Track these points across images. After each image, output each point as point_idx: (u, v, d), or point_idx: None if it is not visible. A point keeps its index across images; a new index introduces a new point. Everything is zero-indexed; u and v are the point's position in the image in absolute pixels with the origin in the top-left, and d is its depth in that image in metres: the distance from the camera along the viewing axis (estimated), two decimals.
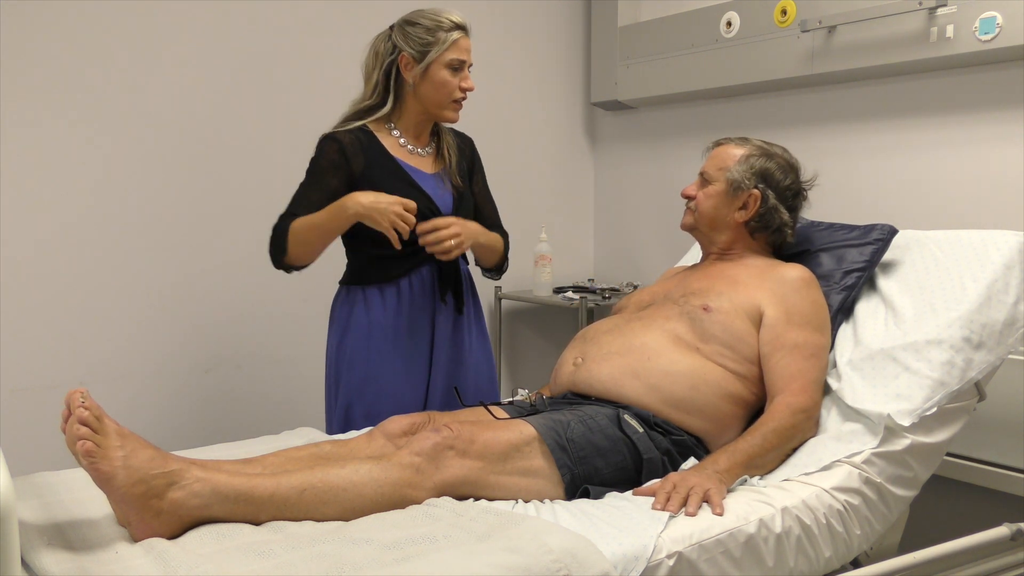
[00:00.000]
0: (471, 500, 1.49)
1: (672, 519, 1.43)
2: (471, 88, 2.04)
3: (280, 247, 1.99)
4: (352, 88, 2.12)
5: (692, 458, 1.70)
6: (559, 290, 3.31)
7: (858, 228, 2.06)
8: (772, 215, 1.97)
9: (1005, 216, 2.34)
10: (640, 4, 3.33)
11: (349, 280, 2.11)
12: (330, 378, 2.14)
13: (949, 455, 2.10)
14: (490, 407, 1.79)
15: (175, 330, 2.75)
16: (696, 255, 2.29)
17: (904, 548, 1.67)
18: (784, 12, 2.73)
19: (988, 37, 2.27)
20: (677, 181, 2.28)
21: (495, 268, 2.21)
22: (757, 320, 1.83)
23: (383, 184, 1.99)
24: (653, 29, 3.17)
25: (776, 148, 2.02)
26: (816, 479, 1.61)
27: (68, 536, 1.34)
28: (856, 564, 1.65)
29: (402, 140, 2.08)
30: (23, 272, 2.51)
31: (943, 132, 2.51)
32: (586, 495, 1.57)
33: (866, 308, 1.95)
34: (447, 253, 1.94)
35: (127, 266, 2.66)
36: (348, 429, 2.03)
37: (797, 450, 1.72)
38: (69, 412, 1.32)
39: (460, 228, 1.95)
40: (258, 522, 1.39)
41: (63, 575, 1.22)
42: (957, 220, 2.38)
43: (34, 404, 2.52)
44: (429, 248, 1.94)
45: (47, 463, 1.74)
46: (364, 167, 2.01)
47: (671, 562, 1.36)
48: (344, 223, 1.93)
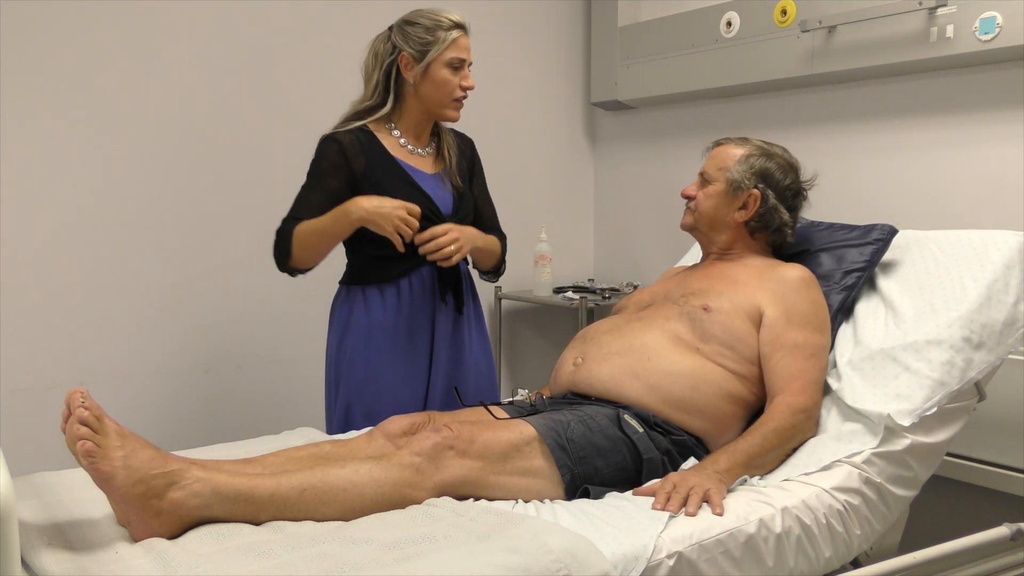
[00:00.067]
0: (471, 500, 1.49)
1: (672, 519, 1.43)
2: (472, 87, 2.05)
3: (285, 251, 2.00)
4: (352, 88, 2.12)
5: (692, 458, 1.70)
6: (559, 290, 3.31)
7: (858, 228, 2.06)
8: (772, 215, 1.97)
9: (1005, 216, 2.34)
10: (640, 4, 3.33)
11: (349, 280, 2.12)
12: (330, 378, 2.14)
13: (949, 455, 2.10)
14: (490, 407, 1.79)
15: (175, 330, 2.75)
16: (696, 255, 2.29)
17: (904, 548, 1.67)
18: (784, 12, 2.73)
19: (988, 37, 2.26)
20: (677, 181, 2.28)
21: (492, 270, 2.22)
22: (757, 320, 1.83)
23: (384, 184, 2.00)
24: (653, 29, 3.17)
25: (776, 148, 2.02)
26: (816, 479, 1.61)
27: (68, 536, 1.34)
28: (856, 564, 1.65)
29: (402, 140, 2.08)
30: (23, 272, 2.51)
31: (943, 132, 2.51)
32: (586, 495, 1.57)
33: (866, 308, 1.95)
34: (447, 259, 1.96)
35: (127, 266, 2.66)
36: (348, 429, 2.04)
37: (797, 450, 1.72)
38: (69, 412, 1.32)
39: (458, 234, 1.97)
40: (258, 522, 1.39)
41: (63, 575, 1.22)
42: (957, 220, 2.38)
43: (34, 404, 2.52)
44: (429, 256, 1.96)
45: (47, 463, 1.74)
46: (365, 167, 2.01)
47: (671, 562, 1.36)
48: (348, 228, 1.95)
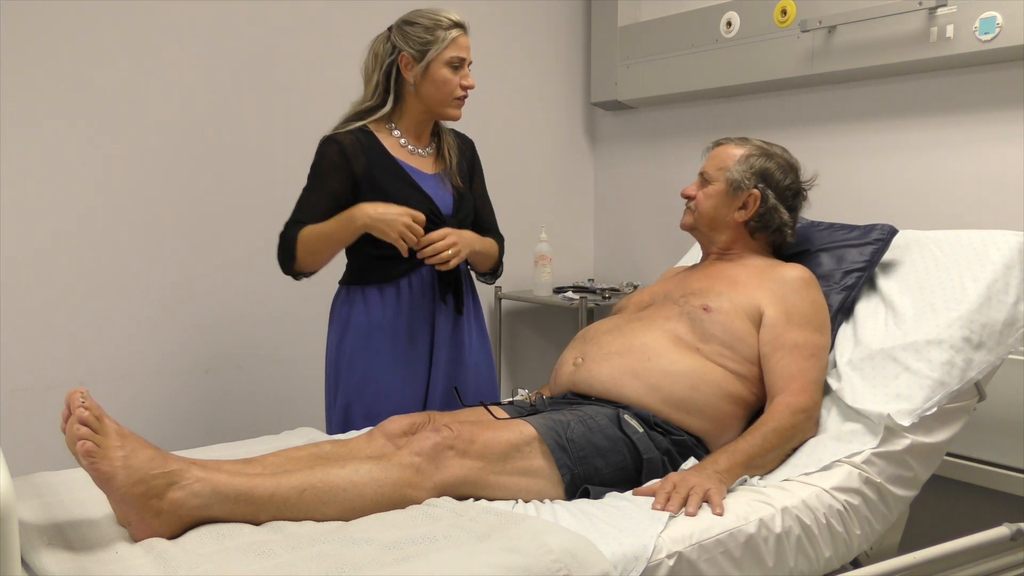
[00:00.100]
0: (471, 500, 1.49)
1: (672, 519, 1.43)
2: (472, 85, 2.05)
3: (289, 255, 2.01)
4: (352, 88, 2.12)
5: (692, 458, 1.70)
6: (559, 290, 3.31)
7: (858, 228, 2.06)
8: (772, 215, 1.97)
9: (1005, 216, 2.34)
10: (640, 4, 3.33)
11: (349, 280, 2.12)
12: (330, 378, 2.14)
13: (949, 455, 2.10)
14: (490, 407, 1.79)
15: (175, 330, 2.75)
16: (696, 255, 2.29)
17: (904, 548, 1.67)
18: (784, 12, 2.73)
19: (988, 37, 2.26)
20: (677, 181, 2.28)
21: (489, 272, 2.22)
22: (757, 320, 1.83)
23: (384, 184, 2.00)
24: (653, 29, 3.17)
25: (776, 148, 2.02)
26: (816, 479, 1.61)
27: (68, 536, 1.34)
28: (856, 564, 1.65)
29: (403, 140, 2.08)
30: (23, 272, 2.51)
31: (943, 132, 2.51)
32: (586, 495, 1.57)
33: (866, 308, 1.95)
34: (445, 264, 1.96)
35: (127, 266, 2.66)
36: (348, 429, 2.04)
37: (797, 450, 1.72)
38: (69, 412, 1.32)
39: (457, 239, 1.98)
40: (258, 522, 1.39)
41: (63, 575, 1.22)
42: (957, 220, 2.38)
43: (34, 404, 2.52)
44: (428, 260, 1.96)
45: (47, 463, 1.74)
46: (365, 167, 2.01)
47: (671, 562, 1.36)
48: (352, 234, 1.96)
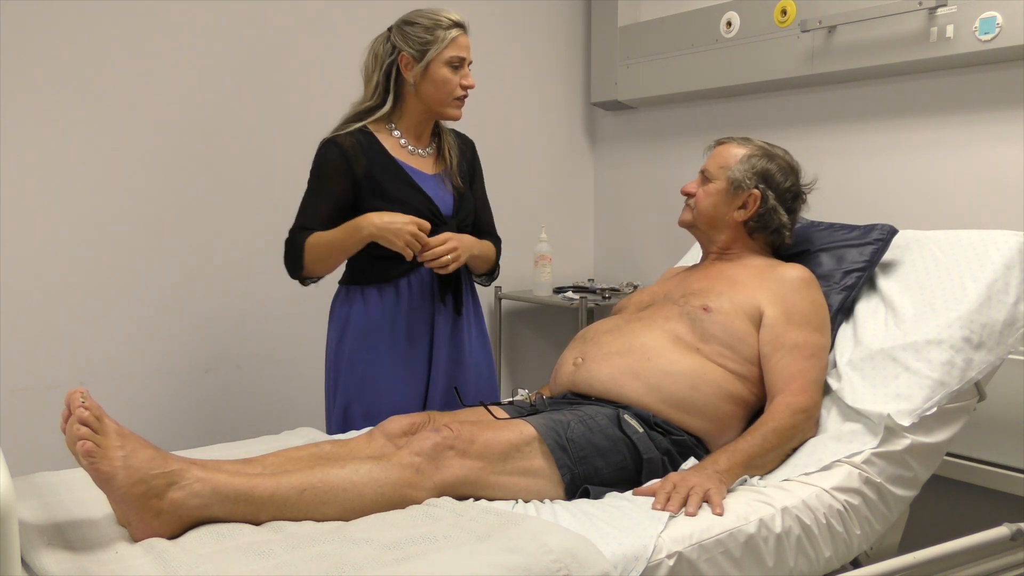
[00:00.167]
0: (471, 500, 1.49)
1: (672, 519, 1.43)
2: (472, 85, 2.05)
3: (297, 262, 2.03)
4: (352, 88, 2.12)
5: (692, 458, 1.70)
6: (559, 290, 3.31)
7: (858, 228, 2.06)
8: (771, 216, 1.97)
9: (1005, 216, 2.34)
10: (640, 4, 3.33)
11: (348, 280, 2.12)
12: (329, 378, 2.14)
13: (949, 455, 2.10)
14: (490, 407, 1.79)
15: (175, 330, 2.75)
16: (696, 255, 2.29)
17: (904, 548, 1.67)
18: (784, 12, 2.73)
19: (988, 37, 2.26)
20: (677, 181, 2.28)
21: (486, 275, 2.23)
22: (757, 320, 1.83)
23: (384, 185, 2.00)
24: (653, 29, 3.17)
25: (778, 150, 2.02)
26: (816, 479, 1.61)
27: (68, 536, 1.34)
28: (856, 564, 1.65)
29: (403, 141, 2.08)
30: (23, 272, 2.51)
31: (943, 132, 2.51)
32: (586, 495, 1.57)
33: (866, 308, 1.95)
34: (444, 268, 1.97)
35: (127, 266, 2.66)
36: (347, 429, 2.04)
37: (797, 450, 1.72)
38: (69, 412, 1.32)
39: (456, 243, 1.98)
40: (258, 522, 1.39)
41: (63, 575, 1.22)
42: (957, 220, 2.38)
43: (34, 404, 2.52)
44: (427, 264, 1.97)
45: (47, 463, 1.74)
46: (366, 168, 2.01)
47: (671, 562, 1.36)
48: (359, 243, 1.97)
